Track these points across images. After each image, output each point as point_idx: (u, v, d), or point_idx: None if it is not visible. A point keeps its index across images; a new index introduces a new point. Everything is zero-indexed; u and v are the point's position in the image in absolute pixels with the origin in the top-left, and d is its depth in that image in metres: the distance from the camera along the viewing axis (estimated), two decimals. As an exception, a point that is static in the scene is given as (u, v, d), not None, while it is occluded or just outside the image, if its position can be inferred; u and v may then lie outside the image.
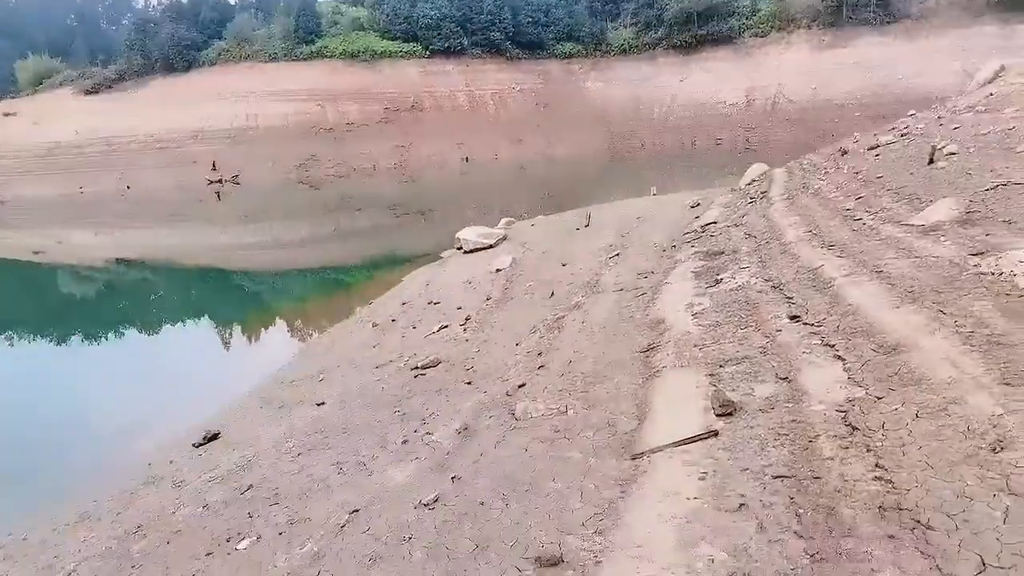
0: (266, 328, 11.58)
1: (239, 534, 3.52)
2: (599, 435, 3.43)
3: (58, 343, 11.94)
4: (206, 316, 12.77)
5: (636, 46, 48.82)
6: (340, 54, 47.93)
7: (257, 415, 6.14)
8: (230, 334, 11.40)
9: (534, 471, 3.20)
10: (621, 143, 42.85)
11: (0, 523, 4.92)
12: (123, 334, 11.96)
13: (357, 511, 3.32)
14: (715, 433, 3.13)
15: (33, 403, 8.56)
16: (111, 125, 45.00)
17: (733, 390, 3.43)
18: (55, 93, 52.78)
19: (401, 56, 48.88)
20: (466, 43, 48.79)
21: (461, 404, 4.66)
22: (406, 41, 49.29)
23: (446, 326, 7.71)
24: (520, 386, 4.60)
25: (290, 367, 8.10)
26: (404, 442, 4.18)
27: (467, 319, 7.74)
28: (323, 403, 5.75)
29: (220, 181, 38.93)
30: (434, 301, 9.11)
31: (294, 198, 33.11)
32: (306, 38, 47.73)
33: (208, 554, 3.41)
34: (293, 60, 47.21)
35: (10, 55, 61.47)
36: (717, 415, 3.29)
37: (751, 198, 10.10)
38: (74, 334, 12.21)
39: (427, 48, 48.93)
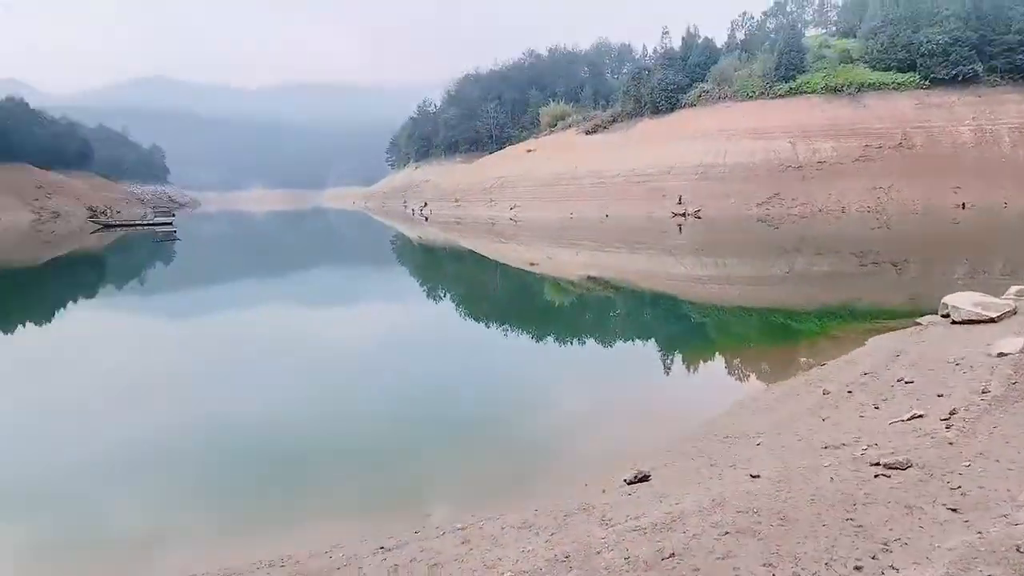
0: (703, 362, 11.53)
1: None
2: None
3: (537, 339, 14.10)
4: (653, 339, 13.43)
5: None
6: (820, 89, 45.62)
7: (686, 467, 5.97)
8: (671, 362, 11.69)
9: None
10: None
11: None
12: (584, 343, 13.47)
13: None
14: None
15: (509, 389, 10.25)
16: (602, 160, 51.86)
17: None
18: (565, 133, 63.49)
19: (892, 88, 43.81)
20: (980, 69, 40.91)
21: (941, 540, 3.59)
22: (901, 71, 43.96)
23: (920, 416, 6.29)
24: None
25: (726, 418, 7.76)
26: (857, 569, 3.41)
27: (952, 413, 6.17)
28: (758, 476, 5.22)
29: (684, 214, 41.06)
30: (905, 379, 7.59)
31: (751, 235, 32.68)
32: (786, 75, 46.74)
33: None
34: (769, 98, 46.75)
35: (537, 102, 76.78)
36: None
37: None
38: (548, 335, 14.23)
39: (926, 77, 42.71)
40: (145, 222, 59.14)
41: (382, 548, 4.73)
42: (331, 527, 5.75)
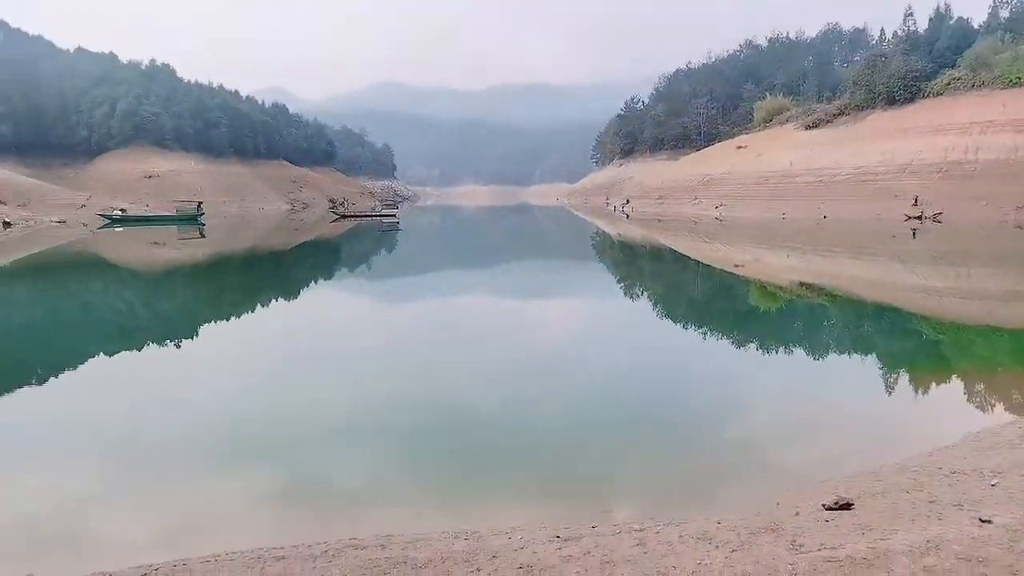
0: (933, 385, 10.27)
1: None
2: None
3: (738, 345, 13.49)
4: (872, 355, 12.19)
5: None
6: (1113, 72, 37.65)
7: (899, 500, 5.35)
8: (893, 381, 10.57)
9: None
10: None
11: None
12: (791, 352, 12.58)
13: None
14: None
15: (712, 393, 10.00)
16: (821, 158, 47.75)
17: None
18: (781, 128, 59.38)
19: None
20: None
21: None
22: None
23: None
24: None
25: (955, 450, 6.86)
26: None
27: None
28: (989, 520, 4.58)
29: (919, 218, 36.42)
30: None
31: (1005, 244, 28.07)
32: (1068, 55, 39.28)
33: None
34: (1042, 84, 39.66)
35: (752, 96, 72.49)
36: None
37: None
38: (752, 341, 13.55)
39: None
40: (374, 213, 66.06)
41: (558, 537, 4.81)
42: (512, 510, 5.99)
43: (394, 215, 65.49)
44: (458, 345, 13.18)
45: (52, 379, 10.60)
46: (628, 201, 68.35)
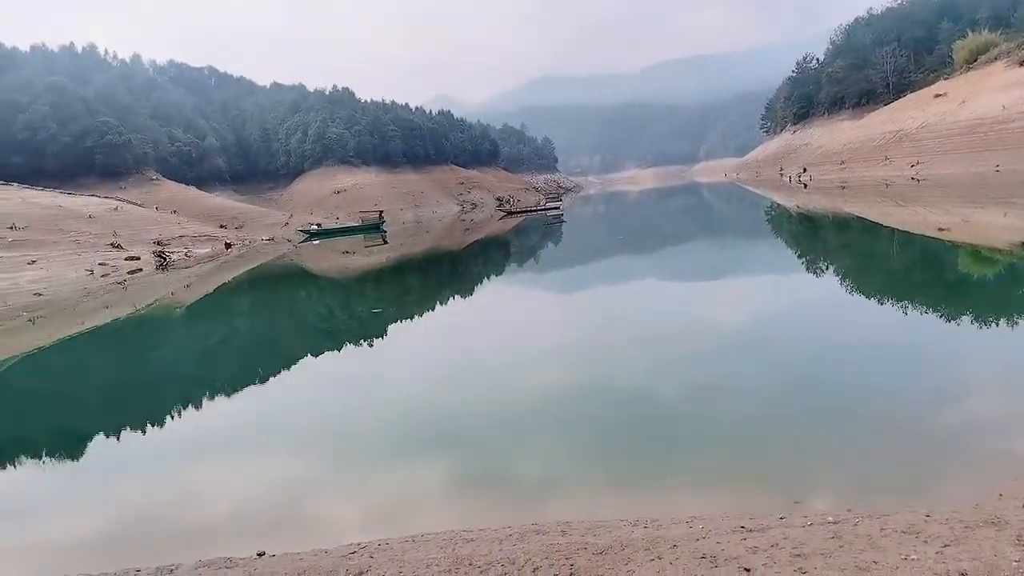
0: None
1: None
2: None
3: (947, 318, 11.94)
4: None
5: None
6: None
7: None
8: None
9: None
10: None
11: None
12: (1016, 324, 10.92)
13: None
14: None
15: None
16: (1044, 95, 40.73)
17: None
18: (987, 69, 51.64)
19: None
20: None
21: None
22: None
23: None
24: None
25: None
26: None
27: None
28: None
29: None
30: None
31: None
32: None
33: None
34: None
35: (950, 37, 63.54)
36: None
37: None
38: (964, 313, 11.97)
39: None
40: (538, 208, 67.37)
41: (743, 527, 4.64)
42: (693, 499, 5.88)
43: (558, 207, 66.29)
44: (630, 333, 13.08)
45: (283, 372, 12.16)
46: (805, 169, 63.23)
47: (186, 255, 34.14)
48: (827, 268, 19.25)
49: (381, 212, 59.61)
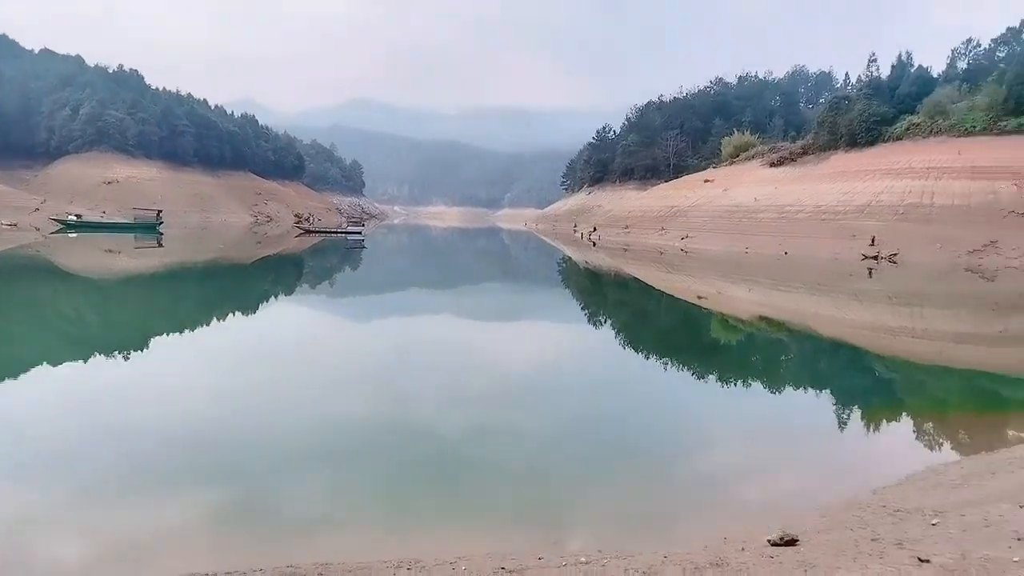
0: (883, 422, 10.34)
1: None
2: None
3: (697, 376, 13.47)
4: (826, 391, 12.28)
5: None
6: (1061, 126, 39.40)
7: (843, 538, 5.29)
8: (845, 418, 10.61)
9: None
10: None
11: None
12: (748, 385, 12.60)
13: None
14: None
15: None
16: (784, 195, 48.82)
17: None
18: (747, 164, 60.65)
19: None
20: None
21: None
22: None
23: None
24: None
25: (901, 488, 6.86)
26: None
27: None
28: (928, 560, 4.51)
29: (876, 258, 37.34)
30: None
31: (957, 287, 28.93)
32: (1016, 109, 40.97)
33: None
34: (994, 134, 41.20)
35: (721, 132, 74.18)
36: None
37: None
38: (709, 373, 13.54)
39: None
40: (339, 230, 65.30)
41: (503, 568, 4.72)
42: (460, 537, 5.84)
43: (360, 232, 64.83)
44: (414, 369, 12.89)
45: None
46: (595, 229, 68.88)
47: None
48: (605, 321, 20.84)
49: (159, 212, 53.85)
